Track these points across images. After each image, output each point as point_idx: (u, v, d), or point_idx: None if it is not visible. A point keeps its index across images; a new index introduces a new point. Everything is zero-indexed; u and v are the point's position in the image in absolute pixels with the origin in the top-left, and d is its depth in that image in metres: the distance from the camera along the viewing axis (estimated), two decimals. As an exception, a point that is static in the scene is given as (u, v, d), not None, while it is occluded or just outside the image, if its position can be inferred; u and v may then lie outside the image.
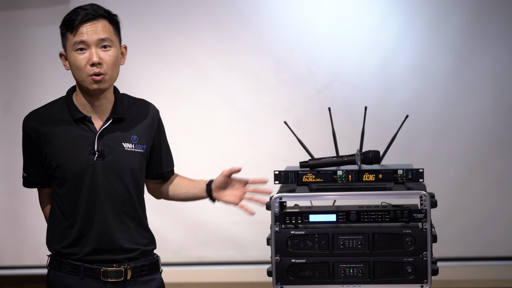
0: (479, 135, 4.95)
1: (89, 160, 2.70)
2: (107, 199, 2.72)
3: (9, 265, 5.14)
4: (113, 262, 2.74)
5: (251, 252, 5.05)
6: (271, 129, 5.01)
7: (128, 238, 2.75)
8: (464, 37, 4.92)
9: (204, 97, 5.06)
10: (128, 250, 2.75)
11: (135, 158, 2.75)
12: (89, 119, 2.73)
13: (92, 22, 2.68)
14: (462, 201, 4.97)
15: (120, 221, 2.74)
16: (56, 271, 2.77)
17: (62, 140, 2.72)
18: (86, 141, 2.71)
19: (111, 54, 2.70)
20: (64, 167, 2.71)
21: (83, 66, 2.68)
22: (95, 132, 2.72)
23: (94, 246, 2.72)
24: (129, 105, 2.82)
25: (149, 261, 2.81)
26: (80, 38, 2.67)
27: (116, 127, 2.75)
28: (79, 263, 2.73)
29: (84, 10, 2.68)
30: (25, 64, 5.07)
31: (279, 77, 5.02)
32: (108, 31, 2.70)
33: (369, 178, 2.93)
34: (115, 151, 2.72)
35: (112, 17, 2.74)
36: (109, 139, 2.73)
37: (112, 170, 2.72)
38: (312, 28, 5.00)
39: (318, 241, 2.87)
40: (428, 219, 2.83)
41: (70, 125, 2.73)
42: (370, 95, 4.95)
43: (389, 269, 2.84)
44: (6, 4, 5.07)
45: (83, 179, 2.70)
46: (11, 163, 5.13)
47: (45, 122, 2.75)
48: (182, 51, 5.06)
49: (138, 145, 2.77)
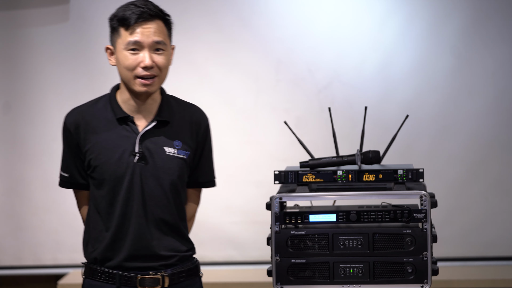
0: (479, 135, 4.95)
1: (129, 162, 2.61)
2: (144, 204, 2.62)
3: (9, 265, 5.14)
4: (150, 269, 2.64)
5: (251, 252, 5.05)
6: (271, 129, 5.01)
7: (165, 245, 2.65)
8: (464, 37, 4.92)
9: (204, 97, 5.05)
10: (164, 257, 2.65)
11: (176, 164, 2.66)
12: (132, 119, 2.64)
13: (150, 23, 2.59)
14: (462, 201, 4.97)
15: (156, 227, 2.64)
16: (91, 280, 2.67)
17: (103, 140, 2.62)
18: (127, 142, 2.62)
19: (164, 57, 2.64)
20: (103, 167, 2.61)
21: (133, 67, 2.59)
22: (137, 133, 2.63)
23: (129, 251, 2.62)
24: (176, 108, 2.74)
25: (188, 267, 2.71)
26: (135, 38, 2.57)
27: (160, 130, 2.66)
28: (115, 271, 2.63)
29: (139, 8, 2.58)
30: (25, 64, 5.07)
31: (279, 77, 5.02)
32: (163, 34, 2.64)
33: (369, 178, 2.93)
34: (156, 154, 2.63)
35: (166, 18, 2.67)
36: (151, 142, 2.63)
37: (152, 174, 2.62)
38: (312, 28, 4.99)
39: (318, 241, 2.87)
40: (428, 219, 2.83)
41: (112, 124, 2.63)
42: (370, 95, 4.95)
43: (389, 269, 2.84)
44: (6, 4, 5.06)
45: (122, 181, 2.61)
46: (11, 163, 5.13)
47: (87, 119, 2.65)
48: (182, 51, 5.05)
49: (181, 150, 2.67)
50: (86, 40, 5.00)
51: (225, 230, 5.05)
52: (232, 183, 4.95)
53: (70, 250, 5.07)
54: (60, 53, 5.04)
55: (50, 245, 5.09)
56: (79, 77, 5.00)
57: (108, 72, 4.89)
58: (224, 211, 5.01)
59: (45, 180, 5.04)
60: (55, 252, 5.09)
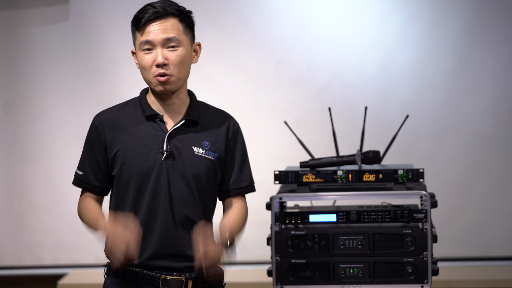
0: (479, 135, 4.95)
1: (156, 160, 2.60)
2: (171, 202, 2.60)
3: (8, 265, 5.14)
4: (174, 270, 2.61)
5: (251, 252, 5.04)
6: (271, 129, 5.01)
7: (191, 245, 2.60)
8: (464, 37, 4.92)
9: (204, 97, 5.02)
10: (191, 258, 2.61)
11: (204, 164, 2.64)
12: (161, 117, 2.65)
13: (160, 21, 2.59)
14: (462, 201, 4.97)
15: (183, 226, 2.62)
16: (113, 278, 2.64)
17: (132, 137, 2.62)
18: (156, 140, 2.62)
19: (178, 54, 2.62)
20: (130, 164, 2.60)
21: (149, 67, 2.59)
22: (165, 131, 2.63)
23: (155, 250, 2.60)
24: (205, 111, 2.74)
25: (212, 273, 2.66)
26: (146, 37, 2.58)
27: (188, 129, 2.66)
28: (138, 270, 2.60)
29: (152, 8, 2.59)
30: (25, 64, 5.07)
31: (279, 77, 5.02)
32: (176, 30, 2.61)
33: (369, 178, 2.93)
34: (184, 153, 2.62)
35: (183, 15, 2.65)
36: (179, 141, 2.63)
37: (179, 172, 2.61)
38: (312, 28, 4.99)
39: (318, 241, 2.87)
40: (428, 219, 2.83)
41: (142, 123, 2.64)
42: (370, 95, 4.95)
43: (389, 269, 2.84)
44: (6, 4, 5.06)
45: (149, 178, 2.60)
46: (11, 163, 5.13)
47: (116, 119, 2.66)
48: (182, 51, 5.05)
49: (209, 151, 2.66)
50: (86, 40, 5.00)
51: (225, 230, 5.04)
52: (232, 183, 4.94)
53: (70, 250, 5.07)
54: (60, 53, 5.03)
55: (50, 245, 5.09)
56: (79, 77, 5.00)
57: (108, 72, 4.90)
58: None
59: (45, 180, 5.04)
60: (55, 252, 5.09)
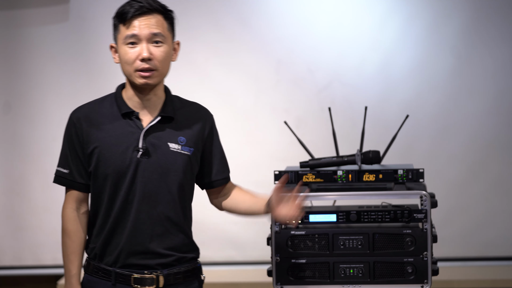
0: (479, 135, 4.95)
1: (132, 157, 2.62)
2: (146, 199, 2.62)
3: (9, 265, 5.14)
4: (146, 268, 2.64)
5: (251, 252, 5.05)
6: (271, 129, 5.01)
7: (165, 242, 2.65)
8: (464, 37, 4.92)
9: (204, 97, 5.02)
10: (162, 255, 2.65)
11: (180, 160, 2.66)
12: (137, 115, 2.66)
13: (146, 16, 2.61)
14: (462, 201, 4.97)
15: (158, 224, 2.64)
16: (89, 276, 2.70)
17: (107, 134, 2.63)
18: (132, 138, 2.63)
19: (163, 50, 2.65)
20: (106, 161, 2.62)
21: (132, 61, 2.61)
22: (141, 128, 2.64)
23: (126, 247, 2.63)
24: (180, 106, 2.76)
25: (185, 268, 2.71)
26: (132, 31, 2.60)
27: (164, 126, 2.67)
28: (111, 269, 2.64)
29: (138, 3, 2.62)
30: (25, 64, 5.07)
31: (279, 77, 5.02)
32: (162, 27, 2.65)
33: (369, 178, 2.93)
34: (159, 150, 2.64)
35: (167, 13, 2.68)
36: (154, 138, 2.64)
37: (155, 169, 2.63)
38: (312, 28, 4.99)
39: (318, 241, 2.87)
40: (428, 219, 2.83)
41: (118, 120, 2.65)
42: (370, 95, 4.95)
43: (389, 269, 2.84)
44: (6, 4, 5.06)
45: (125, 176, 2.61)
46: (11, 163, 5.13)
47: (92, 115, 2.67)
48: (182, 51, 5.02)
49: (185, 146, 2.68)
50: (86, 40, 5.00)
51: (225, 230, 5.05)
52: (232, 183, 4.95)
53: (70, 250, 5.07)
54: (60, 53, 5.04)
55: (50, 245, 5.09)
56: (79, 77, 5.00)
57: (108, 72, 4.91)
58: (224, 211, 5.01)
59: (45, 180, 5.04)
60: (55, 252, 5.09)
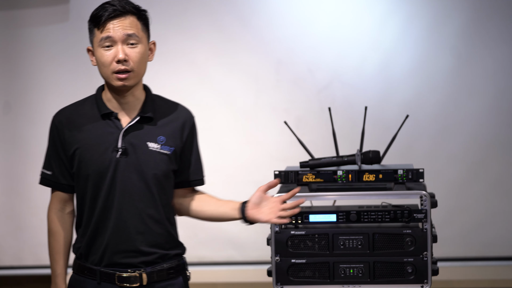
0: (479, 135, 4.95)
1: (111, 157, 2.66)
2: (126, 198, 2.66)
3: (9, 265, 5.14)
4: (129, 266, 2.68)
5: (251, 252, 5.05)
6: (271, 129, 5.01)
7: (148, 240, 2.69)
8: (464, 37, 4.92)
9: (204, 97, 5.05)
10: (145, 253, 2.69)
11: (159, 159, 2.69)
12: (116, 115, 2.69)
13: (120, 19, 2.65)
14: (462, 201, 4.97)
15: (140, 221, 2.68)
16: (76, 275, 2.75)
17: (88, 136, 2.68)
18: (111, 138, 2.67)
19: (138, 50, 2.67)
20: (87, 163, 2.66)
21: (108, 63, 2.65)
22: (120, 129, 2.68)
23: (109, 245, 2.67)
24: (161, 105, 2.77)
25: (168, 265, 2.74)
26: (106, 34, 2.65)
27: (143, 126, 2.70)
28: (96, 268, 2.69)
29: (111, 6, 2.66)
30: (25, 64, 5.07)
31: (279, 77, 5.02)
32: (136, 28, 2.67)
33: (369, 178, 2.93)
34: (139, 150, 2.67)
35: (141, 13, 2.70)
36: (134, 137, 2.68)
37: (134, 168, 2.66)
38: (312, 28, 4.99)
39: (318, 241, 2.87)
40: (428, 219, 2.83)
41: (97, 121, 2.69)
42: (370, 95, 4.95)
43: (389, 269, 2.84)
44: (6, 4, 5.06)
45: (105, 176, 2.66)
46: (11, 163, 5.13)
47: (73, 118, 2.72)
48: (182, 51, 5.06)
49: (164, 146, 2.71)
50: (86, 40, 4.97)
51: (225, 230, 5.05)
52: (232, 183, 4.95)
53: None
54: (60, 53, 5.04)
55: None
56: (79, 77, 5.00)
57: (108, 72, 4.91)
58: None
59: (45, 180, 5.04)
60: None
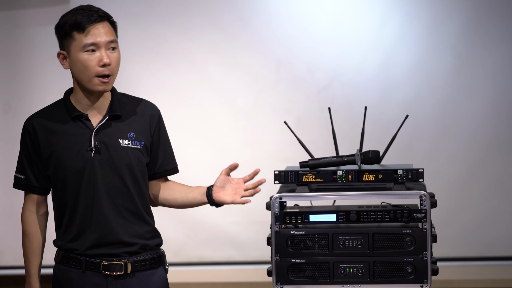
0: (479, 135, 4.95)
1: (86, 157, 2.76)
2: (105, 194, 2.77)
3: (9, 265, 5.14)
4: (114, 256, 2.79)
5: (251, 252, 5.05)
6: (271, 129, 5.01)
7: (128, 231, 2.80)
8: (464, 37, 4.92)
9: (204, 97, 5.06)
10: (128, 244, 2.80)
11: (132, 154, 2.80)
12: (86, 116, 2.79)
13: (100, 24, 2.74)
14: (462, 201, 4.97)
15: (119, 215, 2.79)
16: (60, 265, 2.88)
17: (61, 139, 2.78)
18: (84, 138, 2.77)
19: (117, 55, 2.77)
20: (64, 164, 2.77)
21: (92, 67, 2.72)
22: (91, 129, 2.78)
23: (95, 240, 2.78)
24: (127, 103, 2.87)
25: (151, 256, 2.85)
26: (91, 39, 2.72)
27: (113, 124, 2.81)
28: (81, 257, 2.80)
29: (88, 11, 2.74)
30: (25, 64, 5.07)
31: (279, 77, 5.02)
32: (112, 33, 2.77)
33: (369, 178, 2.93)
34: (111, 147, 2.78)
35: (111, 19, 2.80)
36: (105, 136, 2.78)
37: (109, 165, 2.78)
38: (312, 28, 4.99)
39: (318, 241, 2.87)
40: (428, 219, 2.83)
41: (68, 124, 2.80)
42: (370, 95, 4.95)
43: (389, 269, 2.84)
44: (6, 4, 5.06)
45: (82, 175, 2.76)
46: (11, 163, 5.10)
47: (45, 122, 2.83)
48: (182, 51, 5.06)
49: (135, 141, 2.82)
50: (86, 40, 5.00)
51: (225, 230, 5.05)
52: (232, 183, 4.94)
53: (70, 250, 5.07)
54: (60, 53, 5.04)
55: (50, 245, 5.07)
56: (79, 77, 5.00)
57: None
58: (224, 211, 5.00)
59: (45, 180, 5.04)
60: (54, 252, 5.09)
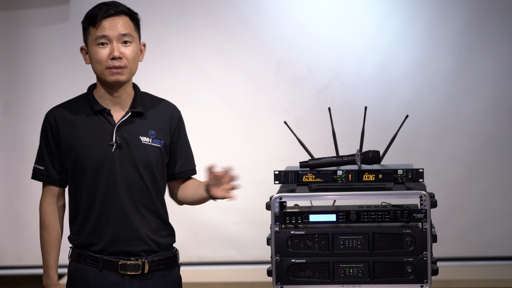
0: (479, 135, 4.95)
1: (107, 152, 2.79)
2: (124, 189, 2.80)
3: (9, 265, 5.14)
4: (132, 254, 2.81)
5: (251, 252, 5.05)
6: (271, 129, 5.01)
7: (145, 228, 2.83)
8: (464, 37, 4.92)
9: (204, 97, 5.06)
10: (145, 240, 2.83)
11: (152, 152, 2.83)
12: (109, 111, 2.83)
13: (114, 18, 2.78)
14: (462, 201, 4.97)
15: (137, 211, 2.82)
16: (76, 263, 2.89)
17: (82, 132, 2.81)
18: (105, 133, 2.81)
19: (131, 49, 2.80)
20: (83, 157, 2.79)
21: (103, 60, 2.78)
22: (113, 124, 2.82)
23: (112, 235, 2.80)
24: (149, 102, 2.91)
25: (167, 256, 2.89)
26: (102, 32, 2.77)
27: (135, 120, 2.84)
28: (98, 256, 2.82)
29: (106, 6, 2.80)
30: (25, 64, 5.07)
31: (279, 77, 5.02)
32: (129, 27, 2.81)
33: (369, 178, 2.93)
34: (132, 143, 2.81)
35: (133, 14, 2.85)
36: (126, 132, 2.82)
37: (129, 161, 2.80)
38: (312, 28, 5.00)
39: (318, 241, 2.87)
40: (428, 219, 2.83)
41: (90, 118, 2.83)
42: (370, 95, 4.95)
43: (389, 269, 2.84)
44: (6, 4, 5.06)
45: (102, 169, 2.79)
46: (11, 163, 5.13)
47: (67, 115, 2.85)
48: (182, 51, 5.06)
49: (155, 139, 2.85)
50: (86, 40, 5.00)
51: (225, 230, 5.05)
52: (232, 183, 4.95)
53: (70, 250, 5.07)
54: (60, 53, 5.04)
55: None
56: (79, 77, 4.99)
57: (108, 72, 4.91)
58: (224, 211, 5.01)
59: (45, 180, 5.04)
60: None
